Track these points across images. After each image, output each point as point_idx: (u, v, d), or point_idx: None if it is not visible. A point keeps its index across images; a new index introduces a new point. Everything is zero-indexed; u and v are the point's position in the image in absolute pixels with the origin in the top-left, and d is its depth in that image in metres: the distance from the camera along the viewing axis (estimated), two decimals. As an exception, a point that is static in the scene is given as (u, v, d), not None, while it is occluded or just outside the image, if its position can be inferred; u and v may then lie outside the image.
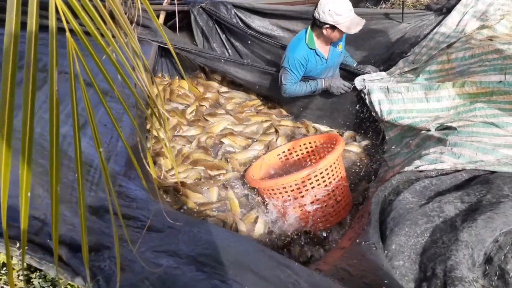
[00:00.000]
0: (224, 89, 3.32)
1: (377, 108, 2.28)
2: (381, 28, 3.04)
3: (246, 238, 1.46)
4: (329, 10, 2.24)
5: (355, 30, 2.32)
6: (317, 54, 2.51)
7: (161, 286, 1.05)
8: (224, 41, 3.29)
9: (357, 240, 1.36)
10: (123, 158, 2.00)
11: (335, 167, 2.02)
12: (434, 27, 2.72)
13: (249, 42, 3.24)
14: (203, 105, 3.04)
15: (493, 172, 1.53)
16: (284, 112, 3.10)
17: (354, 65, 2.80)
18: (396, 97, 2.24)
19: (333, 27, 2.31)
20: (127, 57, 0.86)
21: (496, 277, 1.15)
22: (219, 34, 3.29)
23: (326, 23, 2.31)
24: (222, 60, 2.93)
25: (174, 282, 1.06)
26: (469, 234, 1.20)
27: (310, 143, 2.45)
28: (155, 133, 2.24)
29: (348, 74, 2.75)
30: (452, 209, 1.36)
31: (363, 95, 2.40)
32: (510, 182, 1.41)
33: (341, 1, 2.26)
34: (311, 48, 2.49)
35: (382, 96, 2.28)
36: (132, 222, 1.55)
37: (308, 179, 1.93)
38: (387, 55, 2.94)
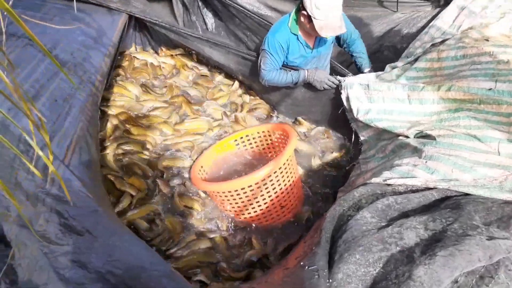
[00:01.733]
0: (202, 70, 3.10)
1: (353, 105, 2.07)
2: (373, 16, 2.80)
3: (169, 265, 1.29)
4: None
5: (326, 33, 2.00)
6: (299, 40, 2.26)
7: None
8: (204, 16, 3.02)
9: (302, 263, 1.19)
10: (67, 141, 1.80)
11: (286, 168, 1.87)
12: (430, 20, 2.49)
13: (231, 18, 2.97)
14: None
15: (466, 195, 1.35)
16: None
17: (367, 69, 2.38)
18: (376, 96, 2.03)
19: (309, 18, 2.02)
20: None
21: (451, 325, 0.99)
22: (199, 6, 3.02)
23: (305, 9, 2.01)
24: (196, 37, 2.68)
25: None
26: (425, 272, 1.03)
27: (263, 132, 2.30)
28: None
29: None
30: (413, 237, 1.18)
31: (340, 89, 2.18)
32: (483, 211, 1.23)
33: None
34: (293, 33, 2.23)
35: (361, 93, 2.07)
36: (55, 217, 1.38)
37: (256, 184, 1.79)
38: (376, 46, 2.71)
